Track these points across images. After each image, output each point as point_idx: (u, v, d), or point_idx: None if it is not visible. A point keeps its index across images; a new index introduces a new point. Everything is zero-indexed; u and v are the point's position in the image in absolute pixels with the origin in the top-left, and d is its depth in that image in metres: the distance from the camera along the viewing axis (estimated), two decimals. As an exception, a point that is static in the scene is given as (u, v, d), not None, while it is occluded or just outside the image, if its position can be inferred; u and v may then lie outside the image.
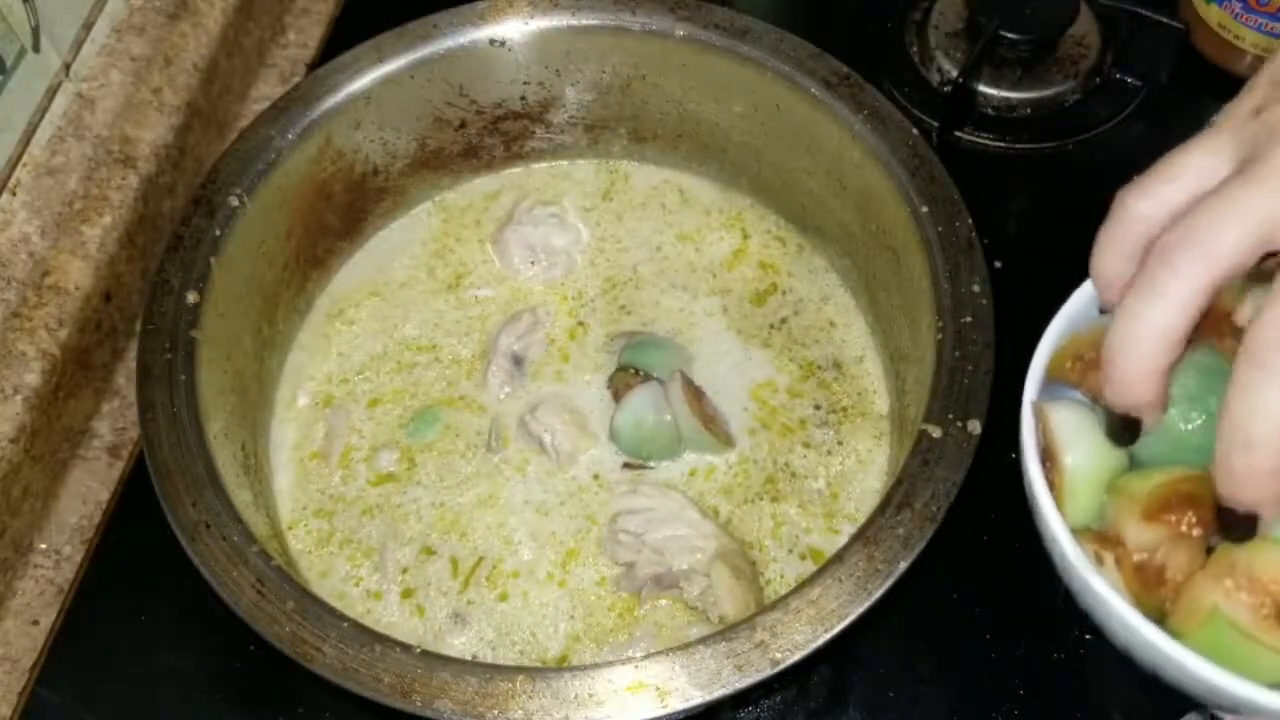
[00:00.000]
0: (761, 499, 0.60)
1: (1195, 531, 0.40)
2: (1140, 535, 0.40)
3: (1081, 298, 0.47)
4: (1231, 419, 0.36)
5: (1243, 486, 0.37)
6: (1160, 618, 0.40)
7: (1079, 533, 0.42)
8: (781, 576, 0.58)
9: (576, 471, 0.61)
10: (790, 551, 0.59)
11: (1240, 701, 0.38)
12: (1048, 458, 0.43)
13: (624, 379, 0.62)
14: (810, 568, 0.58)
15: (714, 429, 0.60)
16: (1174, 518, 0.40)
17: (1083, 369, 0.44)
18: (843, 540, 0.58)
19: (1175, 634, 0.39)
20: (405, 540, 0.60)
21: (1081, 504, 0.43)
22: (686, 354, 0.64)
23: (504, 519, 0.60)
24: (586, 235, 0.69)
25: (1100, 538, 0.42)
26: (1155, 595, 0.41)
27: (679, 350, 0.64)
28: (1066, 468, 0.43)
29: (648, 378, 0.62)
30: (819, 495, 0.60)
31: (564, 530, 0.59)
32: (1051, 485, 0.43)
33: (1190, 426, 0.41)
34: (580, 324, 0.66)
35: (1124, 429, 0.41)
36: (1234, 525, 0.38)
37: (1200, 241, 0.37)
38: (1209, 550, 0.40)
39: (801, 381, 0.63)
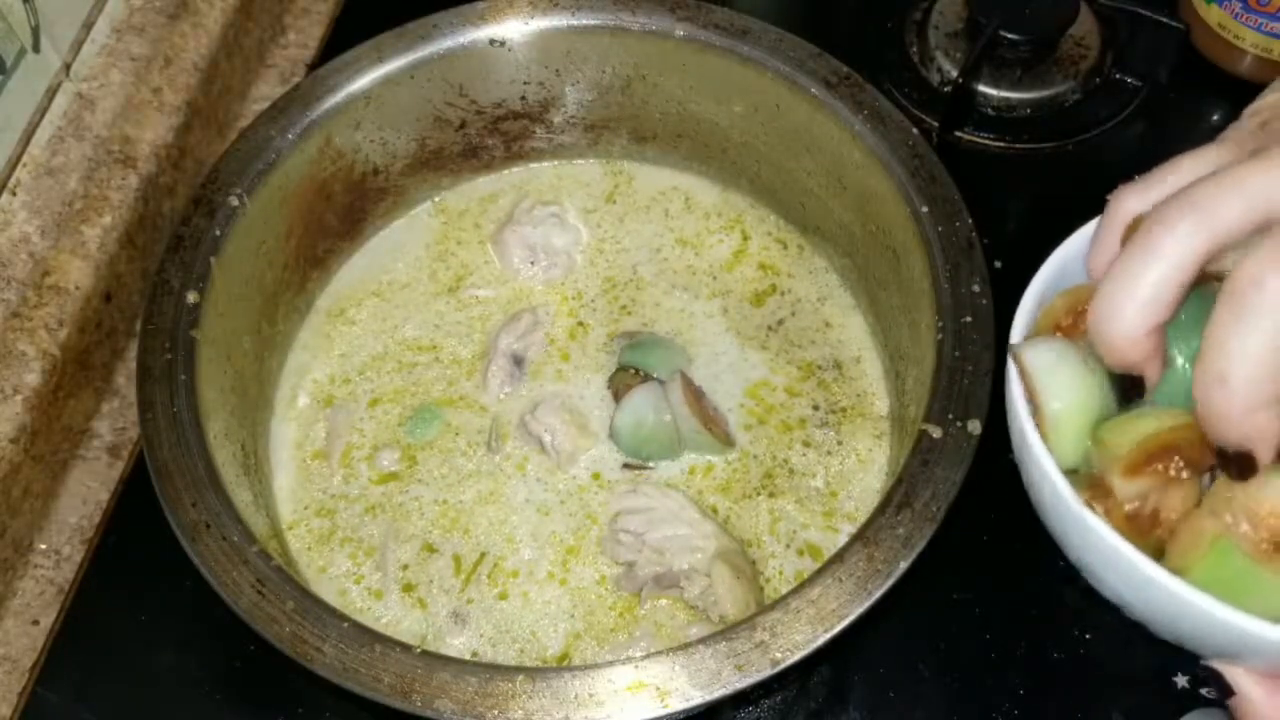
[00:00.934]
0: (759, 494, 0.60)
1: (1185, 474, 0.39)
2: (1127, 488, 0.40)
3: (1074, 245, 0.46)
4: (1210, 358, 0.36)
5: (1225, 425, 0.37)
6: (1156, 558, 0.39)
7: (1067, 475, 0.41)
8: (781, 573, 0.58)
9: (576, 471, 0.61)
10: (788, 547, 0.59)
11: (1242, 638, 0.37)
12: (1032, 402, 0.42)
13: (624, 379, 0.62)
14: (808, 563, 0.58)
15: (714, 429, 0.60)
16: (1160, 466, 0.39)
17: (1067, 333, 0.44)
18: (841, 538, 0.58)
19: (1174, 572, 0.38)
20: (406, 538, 0.60)
21: (1068, 448, 0.42)
22: (686, 354, 0.64)
23: (505, 516, 0.60)
24: (586, 235, 0.69)
25: (1090, 485, 0.41)
26: (1151, 538, 0.39)
27: (679, 350, 0.64)
28: (1050, 413, 0.42)
29: (648, 378, 0.62)
30: (817, 493, 0.60)
31: (564, 529, 0.60)
32: (1037, 431, 0.42)
33: (1184, 363, 0.40)
34: (580, 324, 0.66)
35: (1129, 387, 0.41)
36: (1230, 463, 0.38)
37: (1201, 207, 0.37)
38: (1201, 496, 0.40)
39: (801, 382, 0.63)
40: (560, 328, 0.66)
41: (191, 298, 0.56)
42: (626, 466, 0.61)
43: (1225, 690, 0.40)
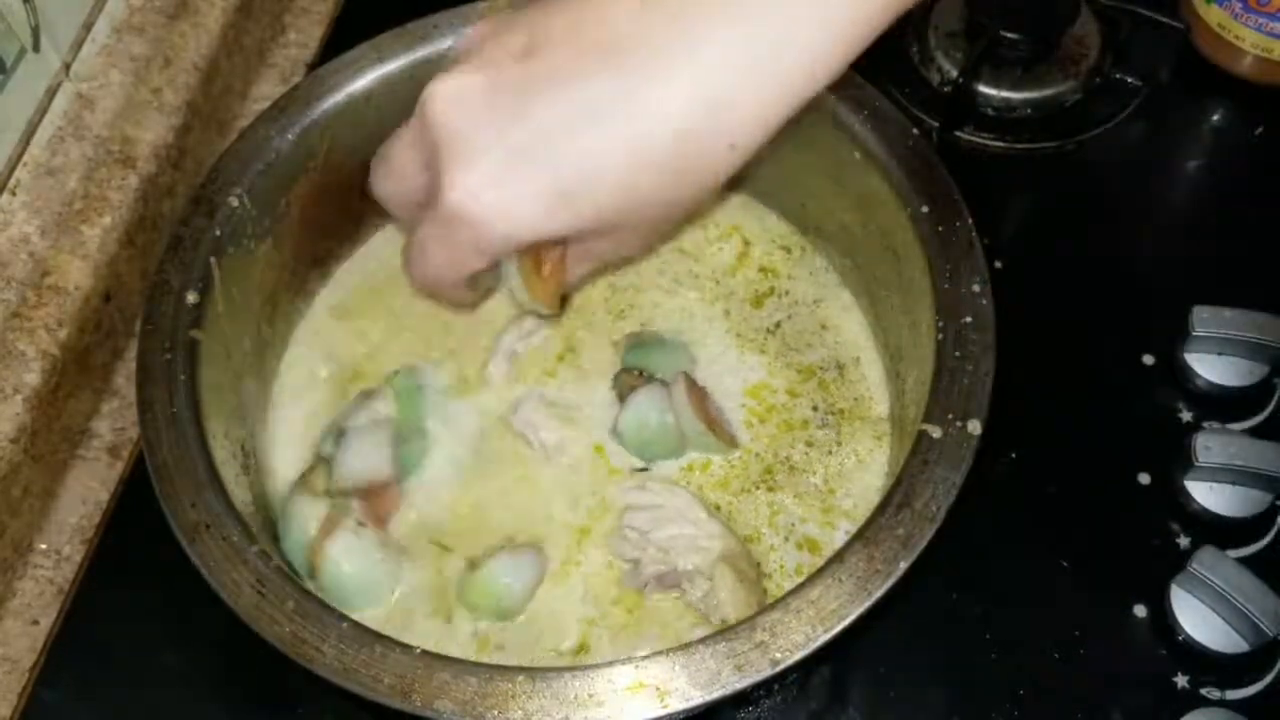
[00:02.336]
0: (758, 488, 0.60)
1: None
2: None
3: None
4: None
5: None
6: None
7: None
8: (782, 567, 0.58)
9: (578, 470, 0.61)
10: (787, 540, 0.58)
11: None
12: None
13: (628, 380, 0.62)
14: (807, 557, 0.58)
15: (717, 430, 0.60)
16: None
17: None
18: (838, 535, 0.58)
19: None
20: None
21: None
22: (690, 355, 0.64)
23: (507, 514, 0.60)
24: (586, 235, 0.69)
25: None
26: None
27: (682, 351, 0.64)
28: None
29: (651, 379, 0.62)
30: (816, 489, 0.60)
31: (569, 525, 0.59)
32: None
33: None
34: (583, 325, 0.66)
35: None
36: None
37: (425, 264, 0.49)
38: None
39: (801, 383, 0.63)
40: (563, 328, 0.66)
41: (191, 298, 0.56)
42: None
43: None
